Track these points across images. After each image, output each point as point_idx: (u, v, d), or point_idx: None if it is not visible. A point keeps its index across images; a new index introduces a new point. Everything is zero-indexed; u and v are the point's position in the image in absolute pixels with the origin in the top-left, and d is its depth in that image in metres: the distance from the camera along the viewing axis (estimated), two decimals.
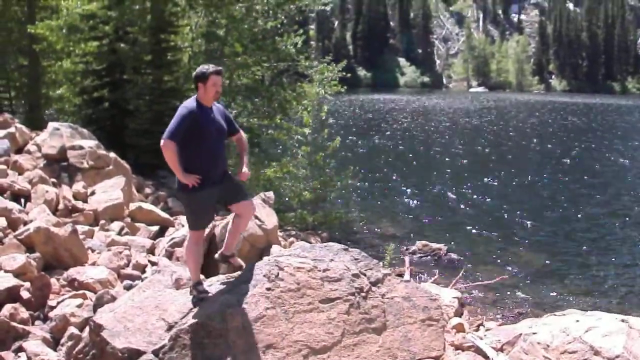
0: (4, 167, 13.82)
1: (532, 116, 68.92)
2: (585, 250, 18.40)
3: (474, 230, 19.88)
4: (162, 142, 6.54)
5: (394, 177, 29.36)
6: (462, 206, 23.52)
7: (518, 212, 22.76)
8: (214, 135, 6.80)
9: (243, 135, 7.28)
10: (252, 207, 7.36)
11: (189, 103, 6.77)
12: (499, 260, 16.87)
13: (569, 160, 36.04)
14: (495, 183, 28.52)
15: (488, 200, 24.80)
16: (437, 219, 21.50)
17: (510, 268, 16.19)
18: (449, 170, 31.70)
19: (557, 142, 45.30)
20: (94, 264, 10.30)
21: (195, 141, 6.67)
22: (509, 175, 30.65)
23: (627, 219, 22.15)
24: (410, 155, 37.39)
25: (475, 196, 25.33)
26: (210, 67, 6.83)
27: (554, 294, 14.49)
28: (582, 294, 14.57)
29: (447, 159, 35.98)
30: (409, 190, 26.20)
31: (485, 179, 29.29)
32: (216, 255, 7.54)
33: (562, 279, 15.69)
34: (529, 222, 21.29)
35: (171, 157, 6.55)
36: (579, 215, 22.53)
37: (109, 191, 13.77)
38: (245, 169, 7.03)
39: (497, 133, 50.74)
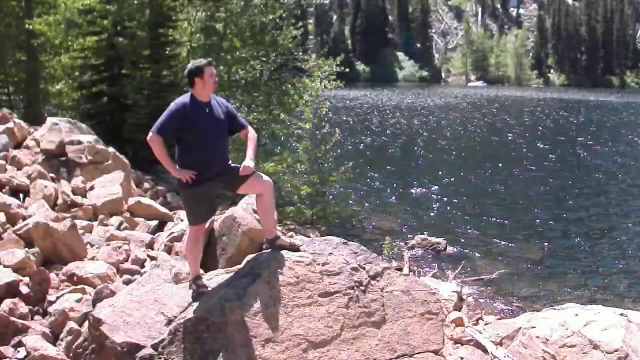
0: (2, 162, 13.81)
1: (530, 112, 68.84)
2: (584, 244, 18.36)
3: (473, 225, 19.82)
4: (148, 136, 6.57)
5: (393, 171, 29.33)
6: (461, 201, 23.46)
7: (517, 207, 22.77)
8: (210, 130, 6.71)
9: (251, 130, 7.09)
10: (264, 181, 7.01)
11: (181, 99, 6.77)
12: (498, 255, 16.82)
13: (568, 156, 36.02)
14: (495, 178, 28.46)
15: (487, 194, 24.79)
16: (436, 214, 21.46)
17: (509, 262, 16.15)
18: (448, 165, 31.66)
19: (557, 137, 45.28)
20: (93, 258, 10.29)
21: (189, 136, 6.65)
22: (508, 170, 30.61)
23: (626, 213, 22.13)
24: (410, 149, 37.38)
25: (474, 190, 25.32)
26: (202, 60, 6.80)
27: (553, 287, 14.45)
28: (581, 287, 14.53)
29: (446, 154, 35.93)
30: (407, 185, 26.15)
31: (485, 174, 29.27)
32: (264, 245, 7.48)
33: (561, 273, 15.67)
34: (527, 216, 21.29)
35: (158, 151, 6.57)
36: (578, 210, 22.48)
37: (107, 186, 13.76)
38: (247, 163, 6.68)
39: (496, 128, 50.67)
